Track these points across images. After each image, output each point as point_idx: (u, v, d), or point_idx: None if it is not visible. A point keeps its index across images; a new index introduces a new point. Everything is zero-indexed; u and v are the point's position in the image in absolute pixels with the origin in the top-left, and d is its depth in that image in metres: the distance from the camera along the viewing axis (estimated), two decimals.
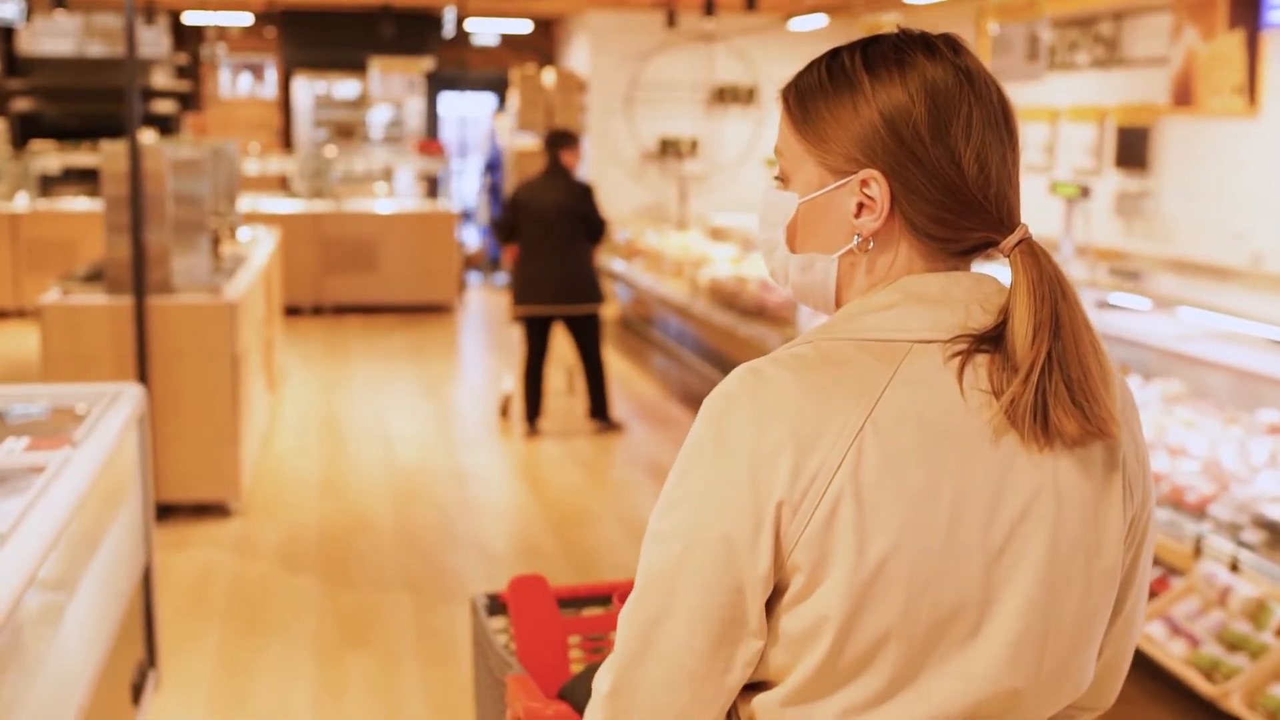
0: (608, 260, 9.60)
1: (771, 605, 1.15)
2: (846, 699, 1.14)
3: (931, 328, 1.15)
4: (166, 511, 5.25)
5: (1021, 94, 8.56)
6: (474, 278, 12.80)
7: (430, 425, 7.06)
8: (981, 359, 1.14)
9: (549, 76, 11.75)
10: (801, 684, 1.15)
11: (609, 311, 9.24)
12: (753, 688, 1.19)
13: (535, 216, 6.71)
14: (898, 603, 1.11)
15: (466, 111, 14.95)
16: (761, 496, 1.11)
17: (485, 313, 11.18)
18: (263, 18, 13.14)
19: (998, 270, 1.24)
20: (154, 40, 11.66)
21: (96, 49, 11.54)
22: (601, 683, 1.20)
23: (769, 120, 11.60)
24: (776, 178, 1.26)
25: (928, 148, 1.15)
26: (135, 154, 5.02)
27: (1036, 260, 1.16)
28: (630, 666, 1.17)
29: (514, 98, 11.89)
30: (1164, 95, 7.36)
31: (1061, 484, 1.15)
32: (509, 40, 14.04)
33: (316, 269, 10.63)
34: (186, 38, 13.24)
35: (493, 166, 13.14)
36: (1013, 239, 1.18)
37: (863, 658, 1.13)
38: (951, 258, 1.20)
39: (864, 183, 1.18)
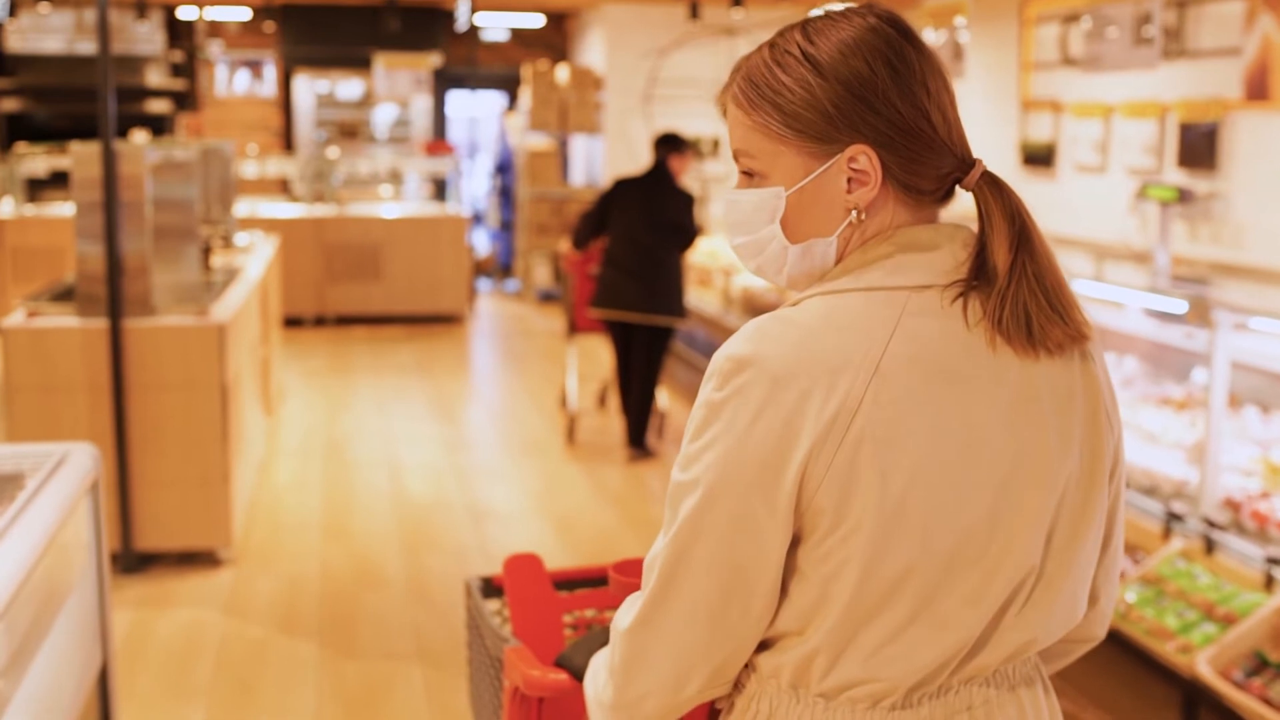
0: None
1: (794, 550, 1.19)
2: (872, 638, 1.18)
3: (928, 274, 1.21)
4: (146, 561, 4.65)
5: (1070, 88, 7.93)
6: (485, 285, 12.22)
7: (442, 453, 6.45)
8: (975, 296, 1.20)
9: (562, 73, 11.21)
10: (828, 632, 1.18)
11: None
12: (777, 646, 1.23)
13: (631, 219, 6.14)
14: (917, 536, 1.16)
15: (475, 110, 14.39)
16: (784, 446, 1.15)
17: (497, 323, 10.57)
18: (261, 12, 12.58)
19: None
20: (147, 36, 11.14)
21: (87, 46, 10.99)
22: (623, 619, 1.24)
23: None
24: (745, 173, 1.27)
25: (899, 110, 1.20)
26: (109, 155, 4.43)
27: (1000, 187, 1.24)
28: (653, 604, 1.20)
29: (525, 96, 11.36)
30: (1235, 89, 6.77)
31: (1058, 416, 1.22)
32: (520, 35, 13.50)
33: (318, 277, 10.03)
34: (181, 34, 12.66)
35: (503, 168, 12.61)
36: (975, 173, 1.25)
37: (886, 593, 1.17)
38: (933, 205, 1.26)
39: (852, 158, 1.22)
